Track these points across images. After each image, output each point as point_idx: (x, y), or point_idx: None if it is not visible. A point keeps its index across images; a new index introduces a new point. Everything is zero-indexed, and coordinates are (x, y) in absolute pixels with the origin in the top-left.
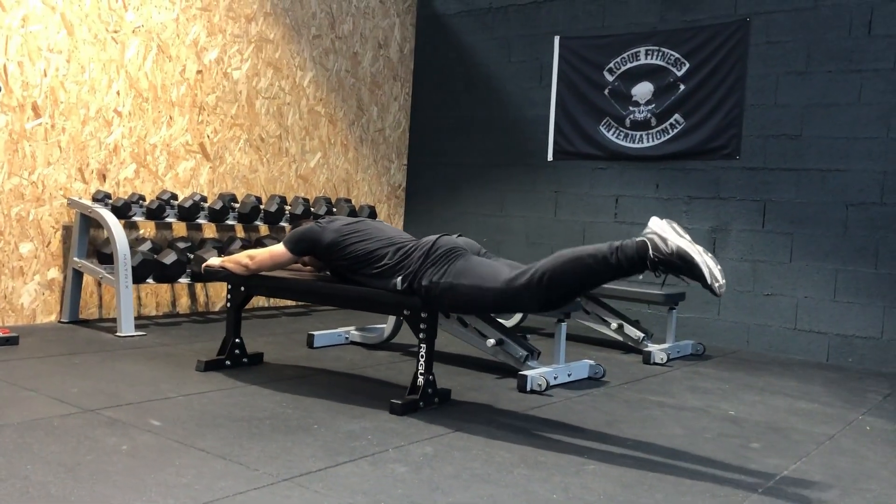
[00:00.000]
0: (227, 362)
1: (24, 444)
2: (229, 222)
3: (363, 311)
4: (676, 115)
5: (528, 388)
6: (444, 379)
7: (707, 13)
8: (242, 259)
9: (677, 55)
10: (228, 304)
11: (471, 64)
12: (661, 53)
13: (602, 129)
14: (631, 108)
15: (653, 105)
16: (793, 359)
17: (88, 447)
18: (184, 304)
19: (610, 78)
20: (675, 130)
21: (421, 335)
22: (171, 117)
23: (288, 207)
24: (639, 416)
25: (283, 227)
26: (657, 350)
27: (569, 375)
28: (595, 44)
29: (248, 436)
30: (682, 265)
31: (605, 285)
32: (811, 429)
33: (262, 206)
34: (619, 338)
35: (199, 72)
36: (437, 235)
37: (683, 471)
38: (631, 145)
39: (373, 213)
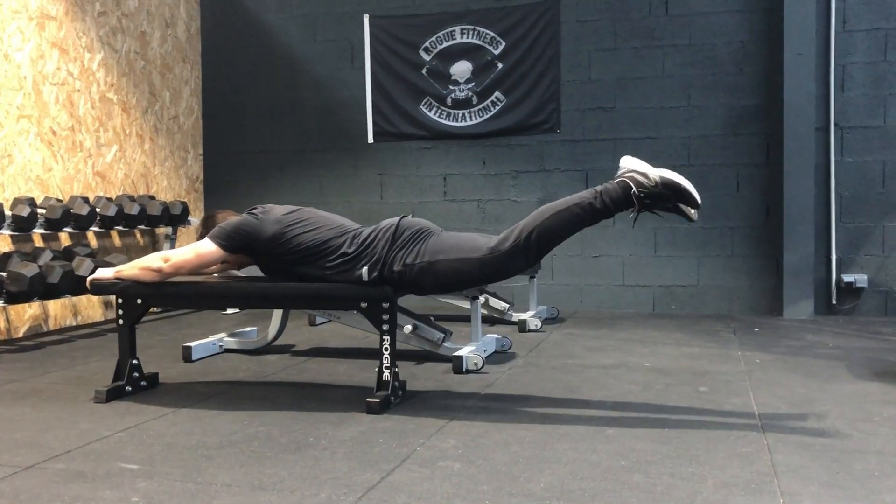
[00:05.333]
0: (128, 388)
1: None
2: (37, 231)
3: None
4: (497, 93)
5: (465, 369)
6: (370, 373)
7: None
8: (153, 263)
9: (493, 34)
10: (120, 322)
11: (270, 44)
12: (476, 32)
13: (423, 108)
14: (451, 87)
15: (473, 83)
16: (626, 312)
17: None
18: None
19: (427, 57)
20: (497, 108)
21: (384, 327)
22: None
23: (99, 210)
24: (584, 378)
25: (85, 234)
26: (530, 318)
27: (484, 351)
28: (408, 23)
29: (255, 461)
30: (668, 193)
31: None
32: (722, 368)
33: (72, 210)
34: (484, 311)
35: None
36: (398, 218)
37: (683, 422)
38: (454, 124)
39: (185, 210)
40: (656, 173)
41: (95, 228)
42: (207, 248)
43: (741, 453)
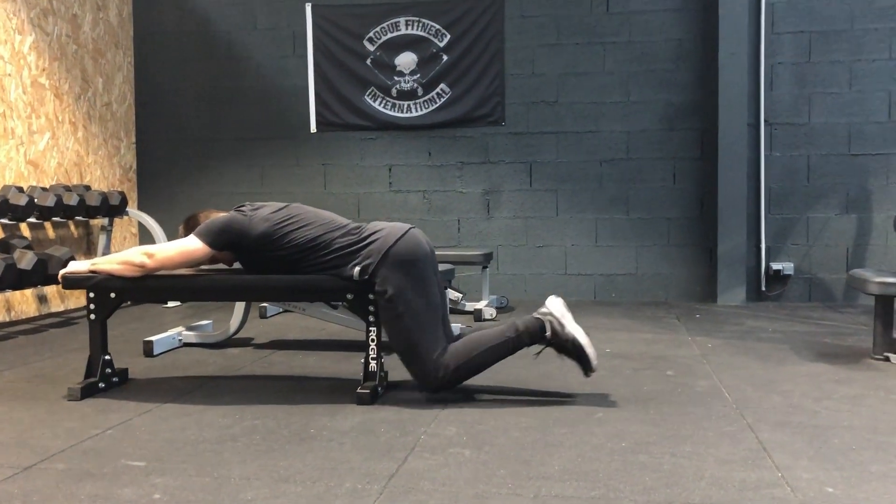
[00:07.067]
0: (101, 385)
1: None
2: None
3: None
4: (442, 85)
5: None
6: (343, 364)
7: None
8: (136, 258)
9: (438, 26)
10: (92, 317)
11: (208, 30)
12: (421, 24)
13: (368, 99)
14: (396, 78)
15: (418, 75)
16: (569, 300)
17: None
18: None
19: (371, 48)
20: (443, 100)
21: (370, 318)
22: None
23: (36, 200)
24: (555, 365)
25: (18, 226)
26: (485, 307)
27: None
28: (352, 12)
29: (263, 454)
30: (572, 350)
31: None
32: (678, 353)
33: (9, 200)
34: None
35: None
36: (405, 229)
37: (664, 404)
38: (399, 115)
39: (123, 201)
40: (571, 330)
41: (31, 219)
42: (194, 245)
43: (728, 432)
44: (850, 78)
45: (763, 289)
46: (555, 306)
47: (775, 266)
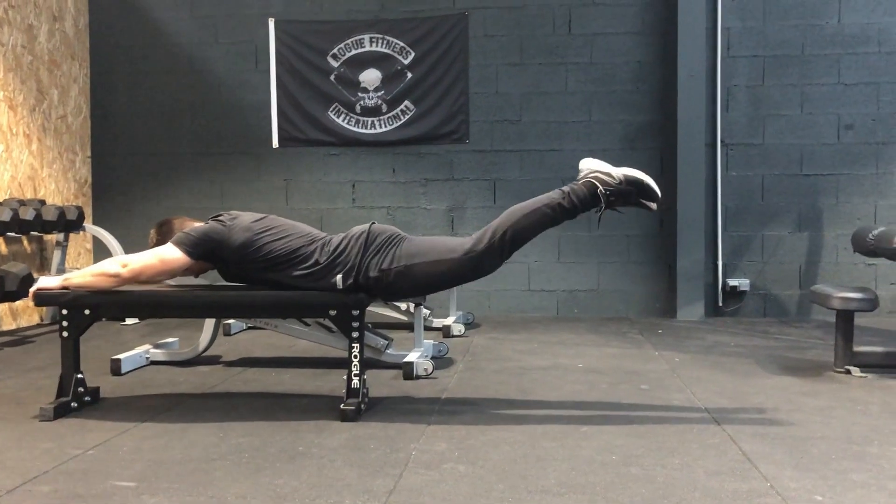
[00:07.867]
0: (74, 404)
1: None
2: None
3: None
4: (407, 102)
5: (415, 375)
6: (319, 381)
7: (428, 4)
8: (110, 269)
9: (402, 44)
10: (65, 334)
11: (167, 43)
12: (386, 41)
13: (331, 114)
14: (360, 95)
15: (382, 92)
16: (533, 315)
17: None
18: None
19: (335, 64)
20: (407, 116)
21: (353, 334)
22: None
23: None
24: (530, 380)
25: None
26: (453, 323)
27: (426, 357)
28: (315, 28)
29: (255, 472)
30: (632, 189)
31: None
32: (648, 367)
33: None
34: (402, 317)
35: None
36: (368, 224)
37: (645, 418)
38: (364, 131)
39: (80, 215)
40: (619, 172)
41: None
42: (173, 254)
43: (711, 444)
44: (801, 101)
45: (720, 304)
46: (590, 163)
47: (732, 282)
